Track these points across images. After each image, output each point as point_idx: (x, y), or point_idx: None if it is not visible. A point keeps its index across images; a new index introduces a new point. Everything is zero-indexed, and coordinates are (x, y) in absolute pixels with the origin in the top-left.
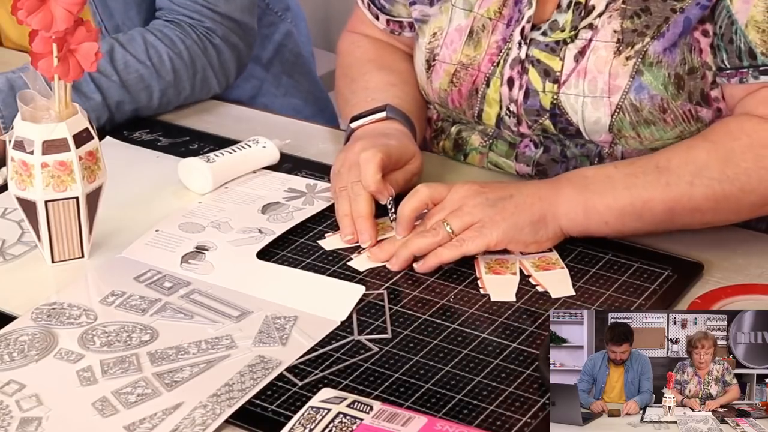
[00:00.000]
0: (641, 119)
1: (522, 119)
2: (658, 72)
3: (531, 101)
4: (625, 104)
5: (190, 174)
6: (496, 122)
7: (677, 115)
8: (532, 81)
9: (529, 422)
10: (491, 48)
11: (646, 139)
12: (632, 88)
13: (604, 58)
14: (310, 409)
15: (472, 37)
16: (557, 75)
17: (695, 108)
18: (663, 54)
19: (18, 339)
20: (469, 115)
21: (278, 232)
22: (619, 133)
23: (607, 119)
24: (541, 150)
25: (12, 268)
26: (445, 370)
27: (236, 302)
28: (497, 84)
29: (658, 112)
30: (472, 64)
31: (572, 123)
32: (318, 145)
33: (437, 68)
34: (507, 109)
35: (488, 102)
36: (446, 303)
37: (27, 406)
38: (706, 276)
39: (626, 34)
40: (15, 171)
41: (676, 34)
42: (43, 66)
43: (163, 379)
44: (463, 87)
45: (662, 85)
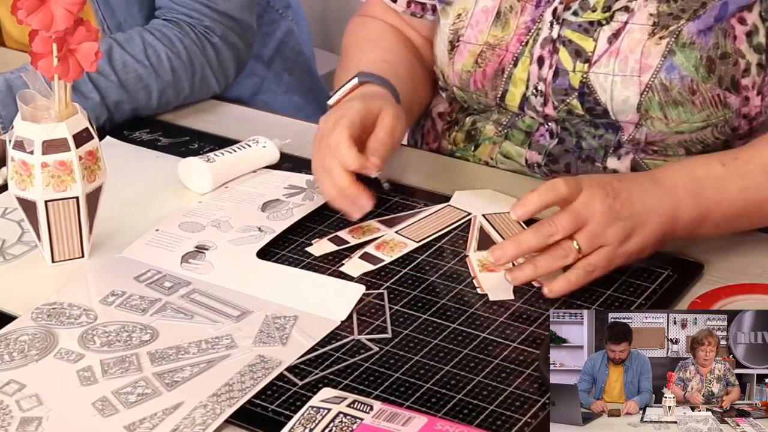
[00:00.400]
0: (670, 99)
1: (549, 99)
2: (690, 53)
3: (560, 80)
4: (655, 83)
5: (190, 174)
6: (520, 103)
7: (705, 98)
8: (563, 61)
9: (529, 422)
10: (520, 28)
11: (672, 121)
12: (663, 67)
13: (638, 39)
14: (311, 408)
15: (499, 18)
16: (589, 55)
17: (724, 93)
18: (697, 36)
19: (18, 339)
20: (491, 97)
21: (278, 230)
22: (646, 114)
23: (636, 98)
24: (555, 141)
25: (12, 268)
26: (445, 370)
27: (236, 302)
28: (526, 63)
29: (687, 93)
30: (500, 45)
31: (600, 102)
32: None
33: (461, 49)
34: (534, 89)
35: (514, 82)
36: (446, 303)
37: (27, 406)
38: (706, 276)
39: (662, 18)
40: (15, 171)
41: (712, 17)
42: (43, 66)
43: (164, 378)
44: (488, 67)
45: (693, 66)
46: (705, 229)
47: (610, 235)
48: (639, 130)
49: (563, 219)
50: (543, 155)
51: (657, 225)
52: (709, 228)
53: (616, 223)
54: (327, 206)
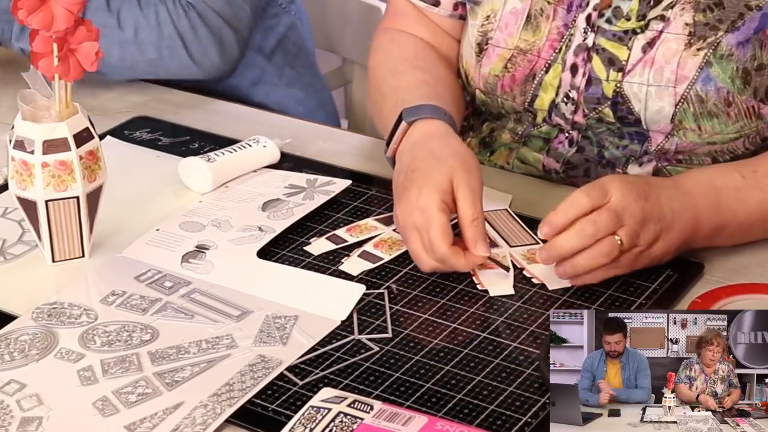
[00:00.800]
0: (705, 111)
1: (580, 106)
2: (727, 65)
3: (593, 89)
4: (690, 95)
5: (191, 174)
6: (549, 108)
7: (741, 110)
8: (595, 69)
9: (529, 422)
10: (552, 34)
11: (705, 132)
12: (700, 78)
13: (674, 50)
14: (311, 408)
15: (530, 21)
16: (623, 64)
17: (758, 104)
18: (735, 47)
19: (18, 339)
20: (519, 101)
21: (279, 229)
22: (680, 125)
23: (670, 109)
24: (573, 149)
25: (12, 268)
26: (445, 369)
27: (236, 302)
28: (558, 70)
29: (722, 104)
30: (531, 50)
31: (633, 112)
32: (318, 144)
33: (489, 52)
34: (565, 96)
35: (544, 87)
36: (446, 302)
37: (27, 406)
38: (706, 276)
39: (698, 27)
40: (15, 170)
41: (751, 29)
42: (43, 66)
43: (164, 378)
44: (517, 72)
45: (730, 78)
46: (720, 239)
47: (643, 236)
48: (669, 140)
49: (604, 218)
50: (561, 163)
51: (680, 231)
52: (725, 238)
53: (649, 225)
54: (327, 206)
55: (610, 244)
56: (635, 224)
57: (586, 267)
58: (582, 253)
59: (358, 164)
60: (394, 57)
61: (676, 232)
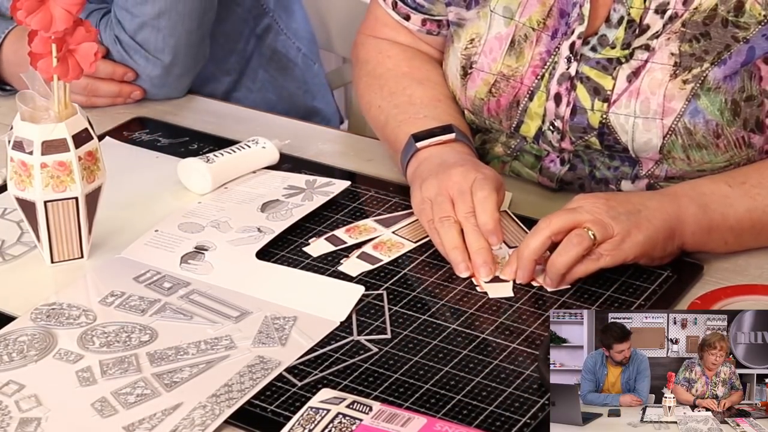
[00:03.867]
0: (694, 143)
1: (566, 135)
2: (716, 97)
3: (578, 119)
4: (678, 127)
5: (190, 175)
6: (535, 135)
7: (730, 141)
8: (580, 98)
9: (529, 422)
10: (534, 60)
11: (695, 162)
12: (687, 111)
13: (659, 80)
14: (310, 409)
15: (513, 47)
16: (608, 94)
17: (748, 135)
18: (723, 81)
19: (17, 339)
20: (506, 126)
21: (277, 230)
22: (669, 155)
23: (658, 141)
24: (566, 168)
25: (11, 269)
26: (444, 370)
27: (235, 302)
28: (542, 98)
29: (711, 137)
30: (514, 76)
31: (620, 141)
32: (317, 146)
33: (474, 76)
34: (551, 125)
35: (530, 115)
36: (446, 303)
37: (26, 407)
38: (706, 276)
39: (684, 58)
40: (14, 171)
41: (739, 62)
42: (42, 66)
43: (163, 379)
44: (502, 98)
45: (718, 110)
46: (713, 242)
47: (615, 225)
48: (659, 167)
49: (559, 217)
50: (555, 182)
51: (663, 221)
52: (718, 242)
53: (618, 217)
54: (326, 207)
55: (578, 235)
56: (600, 214)
57: (564, 262)
58: (555, 252)
59: (357, 165)
60: (391, 71)
61: (659, 222)
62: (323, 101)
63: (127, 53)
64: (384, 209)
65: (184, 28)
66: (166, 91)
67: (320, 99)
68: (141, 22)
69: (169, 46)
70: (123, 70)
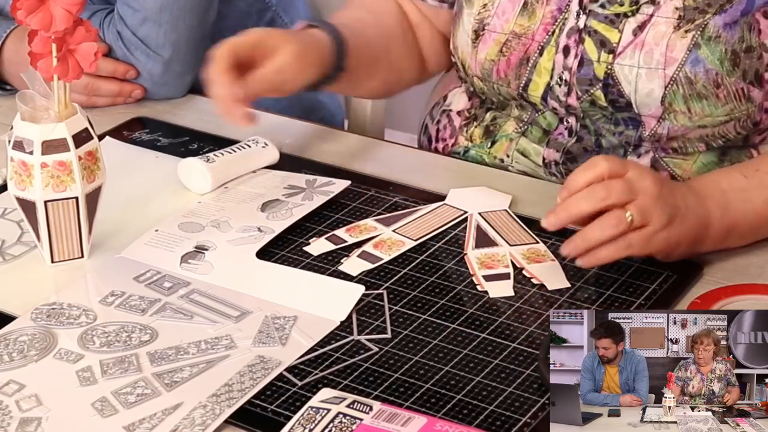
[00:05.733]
0: (694, 93)
1: (573, 88)
2: (716, 47)
3: (585, 70)
4: (679, 76)
5: (190, 174)
6: (544, 93)
7: (730, 92)
8: (588, 51)
9: (529, 422)
10: (546, 18)
11: (696, 115)
12: (688, 60)
13: (663, 32)
14: (310, 409)
15: (526, 7)
16: (614, 46)
17: (748, 87)
18: (723, 29)
19: (17, 339)
20: (514, 86)
21: (278, 230)
22: (670, 107)
23: (660, 91)
24: (573, 140)
25: (11, 269)
26: (444, 370)
27: (236, 302)
28: (551, 52)
29: (711, 86)
30: (526, 34)
31: (624, 95)
32: (318, 145)
33: (486, 38)
34: (559, 78)
35: (538, 71)
36: (446, 303)
37: (26, 407)
38: (706, 276)
39: (688, 11)
40: (14, 171)
41: (739, 11)
42: (42, 66)
43: (163, 379)
44: (512, 56)
45: (718, 60)
46: (731, 241)
47: (656, 216)
48: (661, 125)
49: (617, 185)
50: (561, 153)
51: (694, 225)
52: (735, 239)
53: (664, 207)
54: (327, 206)
55: (617, 217)
56: (648, 200)
57: (596, 238)
58: (590, 225)
59: (357, 165)
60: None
61: (692, 223)
62: (327, 95)
63: (129, 50)
64: (384, 209)
65: (186, 23)
66: (167, 90)
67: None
68: (143, 17)
69: (170, 41)
70: (125, 68)
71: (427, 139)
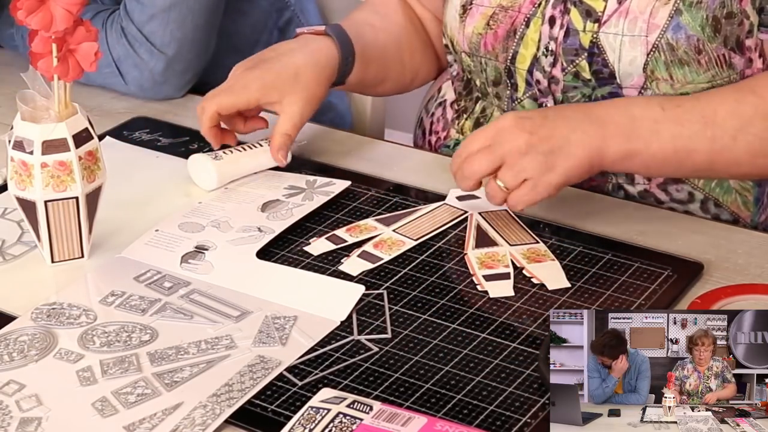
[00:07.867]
0: (676, 59)
1: (558, 59)
2: (697, 13)
3: (570, 40)
4: (661, 43)
5: (199, 170)
6: (530, 66)
7: (711, 58)
8: (573, 21)
9: (529, 422)
10: None
11: (678, 82)
12: (670, 27)
13: (647, 0)
14: (310, 409)
15: None
16: (599, 15)
17: (729, 53)
18: None
19: (18, 339)
20: (502, 59)
21: (278, 230)
22: (652, 75)
23: (642, 58)
24: None
25: (12, 268)
26: (445, 370)
27: (236, 302)
28: (538, 24)
29: (693, 52)
30: (513, 6)
31: (608, 64)
32: (318, 145)
33: (473, 12)
34: (545, 48)
35: (525, 43)
36: (446, 303)
37: (27, 406)
38: (706, 276)
39: None
40: (14, 171)
41: None
42: (42, 66)
43: (163, 379)
44: (499, 29)
45: (699, 26)
46: (634, 166)
47: (529, 168)
48: (644, 94)
49: (477, 159)
50: None
51: (581, 159)
52: (638, 166)
53: (536, 156)
54: (327, 206)
55: (493, 189)
56: (515, 159)
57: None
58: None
59: (357, 165)
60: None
61: (576, 160)
62: (337, 96)
63: (132, 47)
64: (384, 209)
65: (193, 23)
66: (166, 89)
67: (334, 94)
68: (151, 14)
69: (176, 40)
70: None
71: (421, 133)
